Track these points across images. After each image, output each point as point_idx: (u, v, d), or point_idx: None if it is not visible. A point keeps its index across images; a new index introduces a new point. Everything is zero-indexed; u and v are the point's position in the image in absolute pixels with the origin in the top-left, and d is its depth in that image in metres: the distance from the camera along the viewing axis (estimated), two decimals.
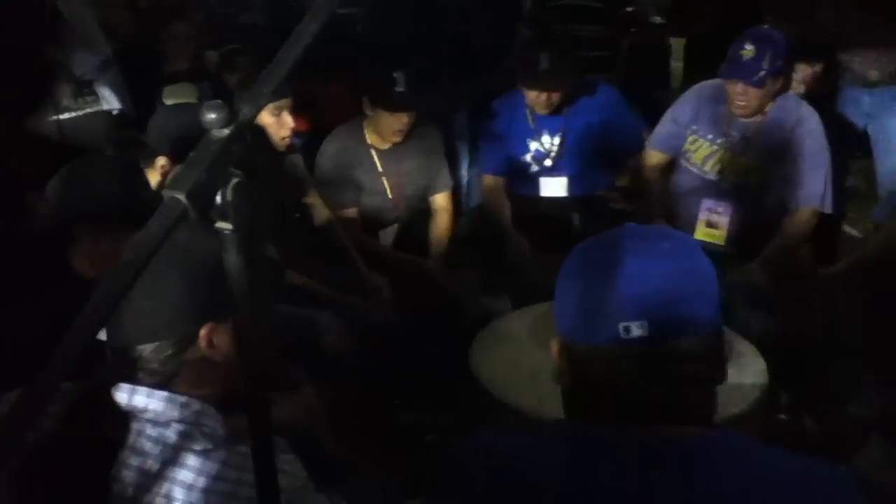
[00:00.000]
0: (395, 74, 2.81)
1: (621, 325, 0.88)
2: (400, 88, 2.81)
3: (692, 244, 0.98)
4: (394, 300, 2.80)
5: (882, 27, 3.36)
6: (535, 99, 3.01)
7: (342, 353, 2.43)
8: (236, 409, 1.09)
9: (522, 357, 2.23)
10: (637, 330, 0.88)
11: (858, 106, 3.52)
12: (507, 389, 2.05)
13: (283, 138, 2.60)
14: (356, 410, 2.32)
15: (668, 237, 0.97)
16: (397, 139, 2.95)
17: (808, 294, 2.68)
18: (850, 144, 3.56)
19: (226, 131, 0.72)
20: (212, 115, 0.71)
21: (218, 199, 0.73)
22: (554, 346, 0.98)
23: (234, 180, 0.74)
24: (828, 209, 2.77)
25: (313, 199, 2.91)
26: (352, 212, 3.01)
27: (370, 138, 3.00)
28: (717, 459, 0.90)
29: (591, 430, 0.94)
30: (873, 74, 3.44)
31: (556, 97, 3.00)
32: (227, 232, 0.75)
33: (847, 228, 3.87)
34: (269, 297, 1.30)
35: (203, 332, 1.10)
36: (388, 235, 3.13)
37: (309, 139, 3.18)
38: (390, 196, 3.04)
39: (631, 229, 0.98)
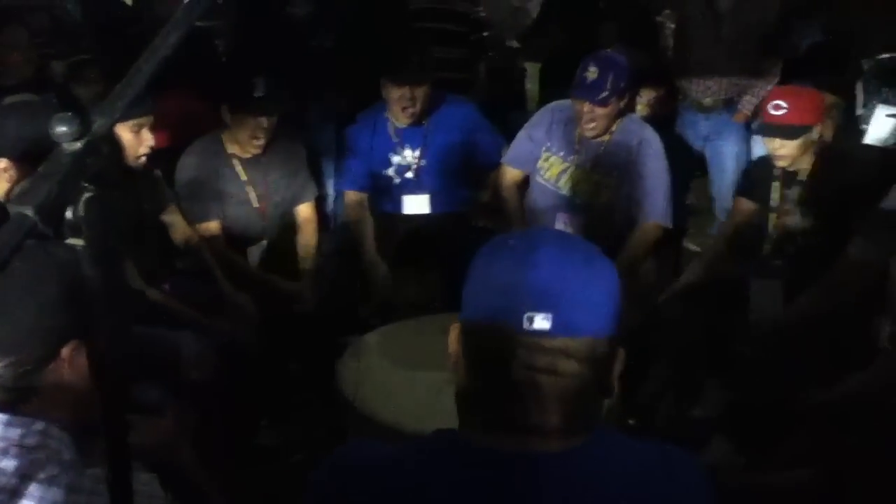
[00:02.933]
0: (253, 80, 2.80)
1: (526, 315, 0.88)
2: (259, 93, 2.80)
3: (602, 254, 0.97)
4: (258, 318, 2.75)
5: (716, 59, 3.66)
6: (399, 101, 3.05)
7: (203, 375, 2.35)
8: (88, 431, 1.04)
9: (388, 373, 2.25)
10: (541, 322, 0.88)
11: (696, 129, 3.81)
12: (374, 406, 2.06)
13: (140, 156, 2.50)
14: (219, 433, 2.26)
15: (582, 241, 0.99)
16: (257, 150, 2.90)
17: (653, 305, 2.86)
18: (688, 164, 3.84)
19: (78, 144, 0.70)
20: (63, 128, 0.69)
21: (69, 214, 0.71)
22: (453, 333, 0.97)
23: (87, 195, 0.72)
24: (669, 224, 2.95)
25: (173, 216, 2.82)
26: (214, 226, 2.93)
27: (230, 148, 2.94)
28: (573, 472, 0.92)
29: (460, 442, 0.95)
30: (708, 101, 3.74)
31: (419, 100, 3.04)
32: (79, 248, 0.73)
33: (687, 243, 4.15)
34: (124, 316, 1.26)
35: (66, 350, 1.05)
36: (255, 253, 3.07)
37: (166, 155, 3.07)
38: (256, 206, 2.99)
39: (548, 229, 0.99)
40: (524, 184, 3.15)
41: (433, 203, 3.21)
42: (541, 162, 3.04)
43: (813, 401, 2.08)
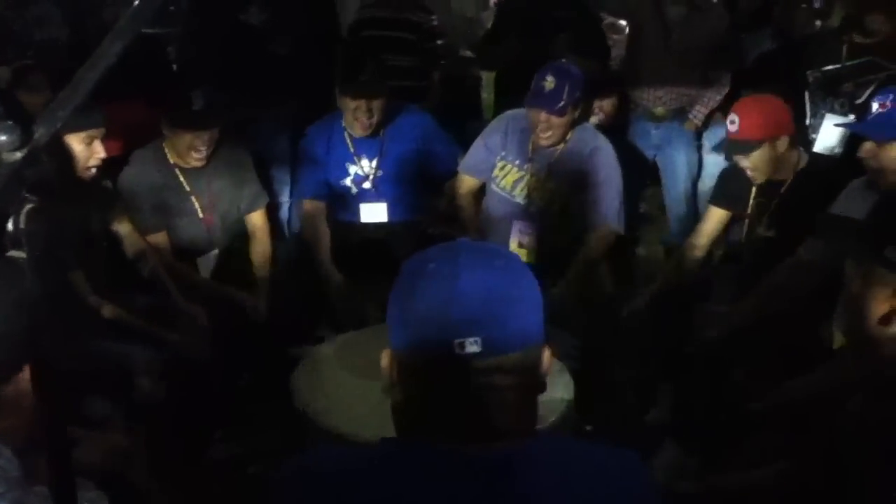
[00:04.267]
0: (192, 93, 2.77)
1: (456, 342, 0.91)
2: (197, 107, 2.78)
3: (521, 262, 1.02)
4: (211, 330, 2.70)
5: (667, 68, 3.72)
6: (355, 113, 3.04)
7: (155, 388, 2.31)
8: (36, 448, 1.02)
9: (344, 383, 2.24)
10: (471, 346, 0.91)
11: (648, 138, 3.87)
12: (330, 416, 2.05)
13: (90, 167, 2.45)
14: (173, 447, 2.22)
15: (500, 255, 1.01)
16: (197, 162, 2.87)
17: (607, 312, 2.89)
18: (641, 173, 3.90)
19: (18, 154, 0.68)
20: (3, 137, 0.67)
21: (10, 225, 0.69)
22: (385, 359, 0.99)
23: (28, 206, 0.70)
24: (620, 230, 2.98)
25: (124, 227, 2.76)
26: (161, 237, 2.88)
27: (172, 158, 2.90)
28: (539, 467, 0.95)
29: (419, 447, 0.96)
30: (659, 110, 3.80)
31: (376, 112, 3.04)
32: (21, 260, 0.71)
33: (640, 250, 4.21)
34: (72, 329, 1.23)
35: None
36: (207, 263, 3.02)
37: (119, 164, 3.01)
38: (201, 216, 2.94)
39: (465, 245, 1.01)
40: (480, 192, 3.17)
41: (390, 211, 3.20)
42: (496, 170, 3.06)
43: (763, 403, 2.12)
